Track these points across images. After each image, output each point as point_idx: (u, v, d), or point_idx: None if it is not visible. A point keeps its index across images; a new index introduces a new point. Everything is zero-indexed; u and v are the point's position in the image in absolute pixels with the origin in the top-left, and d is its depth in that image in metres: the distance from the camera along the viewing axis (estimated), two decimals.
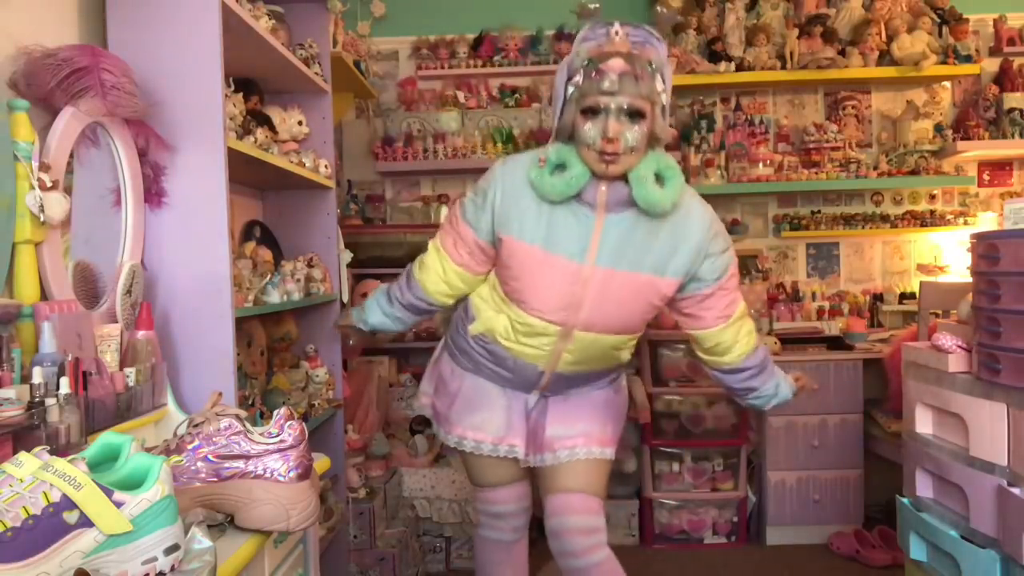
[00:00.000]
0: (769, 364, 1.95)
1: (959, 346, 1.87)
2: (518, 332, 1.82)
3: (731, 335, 1.87)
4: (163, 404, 1.63)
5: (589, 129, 1.63)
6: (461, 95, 3.80)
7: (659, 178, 1.67)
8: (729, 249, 1.83)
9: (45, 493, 0.88)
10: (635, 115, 1.62)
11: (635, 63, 1.61)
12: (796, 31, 3.64)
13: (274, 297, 2.15)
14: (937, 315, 2.75)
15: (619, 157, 1.63)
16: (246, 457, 1.20)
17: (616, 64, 1.60)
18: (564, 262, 1.73)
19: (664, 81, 1.66)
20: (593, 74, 1.61)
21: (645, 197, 1.65)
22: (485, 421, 1.91)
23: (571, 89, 1.66)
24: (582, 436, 1.89)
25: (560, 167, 1.68)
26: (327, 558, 2.48)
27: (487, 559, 2.09)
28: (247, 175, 2.34)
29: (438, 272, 1.91)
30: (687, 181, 1.83)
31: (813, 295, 3.81)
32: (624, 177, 1.67)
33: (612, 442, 1.94)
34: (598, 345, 1.84)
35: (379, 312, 2.07)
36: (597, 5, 3.60)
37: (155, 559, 0.94)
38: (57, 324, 1.36)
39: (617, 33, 1.63)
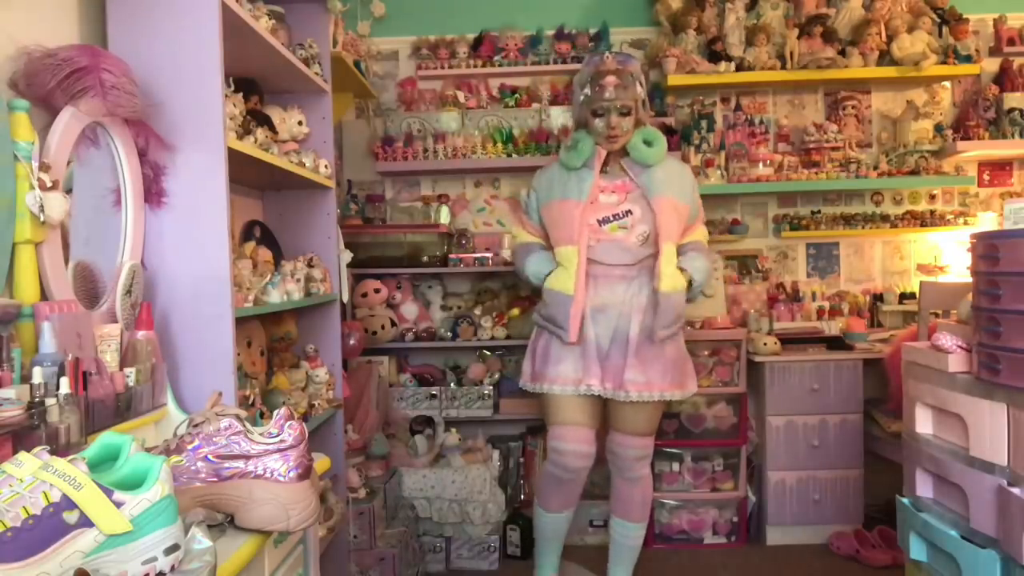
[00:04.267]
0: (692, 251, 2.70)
1: (959, 346, 1.87)
2: (560, 267, 2.58)
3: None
4: (163, 404, 1.64)
5: (598, 123, 2.56)
6: (461, 95, 3.79)
7: (647, 142, 2.57)
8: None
9: (45, 493, 0.88)
10: (626, 111, 2.54)
11: (623, 77, 2.53)
12: (796, 31, 3.63)
13: (274, 297, 2.15)
14: (937, 315, 2.76)
15: (618, 138, 2.57)
16: (246, 457, 1.20)
17: (611, 80, 2.53)
18: (572, 203, 2.57)
19: (641, 86, 2.61)
20: (596, 88, 2.54)
21: (639, 154, 2.57)
22: (562, 370, 2.59)
23: (582, 96, 2.59)
24: (647, 384, 2.54)
25: (575, 145, 2.61)
26: (327, 558, 2.48)
27: (542, 485, 2.73)
28: (247, 175, 2.35)
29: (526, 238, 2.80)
30: None
31: (813, 295, 3.80)
32: (622, 150, 2.61)
33: (671, 387, 2.59)
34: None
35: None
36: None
37: (155, 559, 0.94)
38: (57, 324, 1.36)
39: (608, 58, 2.58)
